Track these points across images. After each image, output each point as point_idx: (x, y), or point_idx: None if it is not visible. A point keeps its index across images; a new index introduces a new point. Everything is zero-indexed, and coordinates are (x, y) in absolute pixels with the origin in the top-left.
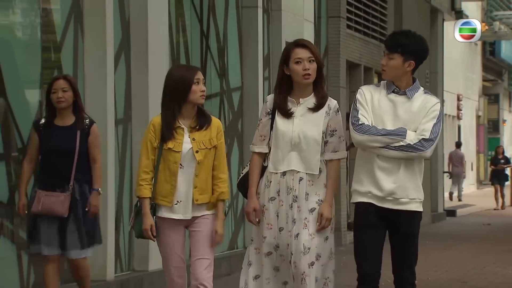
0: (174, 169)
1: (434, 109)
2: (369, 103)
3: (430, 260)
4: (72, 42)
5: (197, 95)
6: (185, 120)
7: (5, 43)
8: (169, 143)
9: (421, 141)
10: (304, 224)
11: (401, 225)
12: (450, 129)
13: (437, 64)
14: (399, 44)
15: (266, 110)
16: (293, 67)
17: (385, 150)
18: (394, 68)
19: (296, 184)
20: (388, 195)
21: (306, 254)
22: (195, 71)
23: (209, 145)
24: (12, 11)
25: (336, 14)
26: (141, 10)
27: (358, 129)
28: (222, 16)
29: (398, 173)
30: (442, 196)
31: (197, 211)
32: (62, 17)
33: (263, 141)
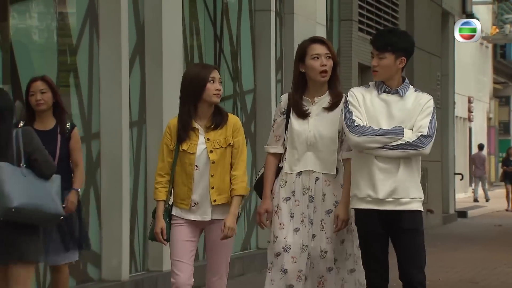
0: (190, 171)
1: (428, 105)
2: (362, 104)
3: (441, 261)
4: (87, 46)
5: (211, 93)
6: (201, 120)
7: (22, 46)
8: (184, 145)
9: (419, 138)
10: (321, 226)
11: (404, 222)
12: (461, 131)
13: (448, 67)
14: (388, 43)
15: (280, 110)
16: (310, 63)
17: (383, 150)
18: (387, 67)
19: (312, 184)
20: (388, 196)
21: (323, 258)
22: (211, 70)
23: (224, 144)
24: (28, 14)
25: (348, 17)
26: (156, 13)
27: (355, 130)
28: (235, 20)
29: (398, 173)
30: (453, 198)
31: (217, 213)
32: (78, 21)
33: (278, 141)
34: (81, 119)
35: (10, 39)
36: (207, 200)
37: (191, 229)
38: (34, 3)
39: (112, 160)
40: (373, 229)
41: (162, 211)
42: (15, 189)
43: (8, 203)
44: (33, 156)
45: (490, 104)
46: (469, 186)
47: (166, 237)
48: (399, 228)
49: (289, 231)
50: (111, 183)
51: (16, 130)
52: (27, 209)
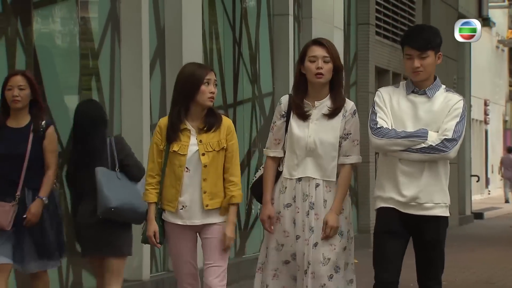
0: (179, 173)
1: (456, 107)
2: (388, 105)
3: (458, 262)
4: (109, 49)
5: (205, 96)
6: (194, 121)
7: (45, 50)
8: (174, 146)
9: (443, 142)
10: (324, 234)
11: (426, 231)
12: (477, 133)
13: (464, 70)
14: (428, 41)
15: (280, 113)
16: (307, 65)
17: (406, 153)
18: (431, 66)
19: (312, 190)
20: (411, 201)
21: (325, 265)
22: (206, 71)
23: (217, 147)
24: (51, 19)
25: (365, 21)
26: (176, 18)
27: (377, 132)
28: (254, 24)
29: (421, 177)
30: (469, 199)
31: (208, 217)
32: (100, 25)
33: (278, 145)
34: None
35: (33, 44)
36: (198, 204)
37: (186, 235)
38: (57, 8)
39: None
40: (392, 227)
41: (154, 214)
42: (113, 190)
43: (108, 203)
44: (125, 162)
45: (506, 106)
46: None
47: (159, 240)
48: (420, 238)
49: (293, 239)
50: None
51: (110, 138)
52: (123, 208)
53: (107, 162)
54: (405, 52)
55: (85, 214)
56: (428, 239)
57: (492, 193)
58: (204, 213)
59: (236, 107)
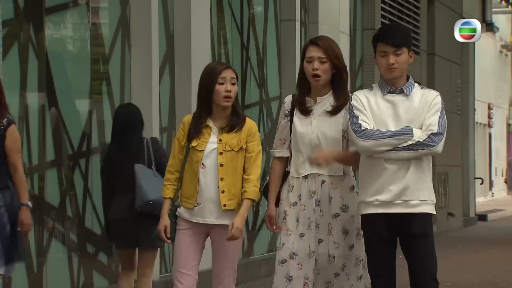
0: (196, 169)
1: (435, 102)
2: (367, 107)
3: (462, 263)
4: (119, 54)
5: (220, 96)
6: (217, 120)
7: (57, 55)
8: (193, 141)
9: (430, 136)
10: (328, 231)
11: (413, 227)
12: (481, 136)
13: (468, 74)
14: (403, 38)
15: (284, 112)
16: (305, 65)
17: (393, 152)
18: (405, 63)
19: (318, 187)
20: (396, 198)
21: (331, 263)
22: (220, 69)
23: (236, 147)
24: (63, 25)
25: (370, 27)
26: (185, 23)
27: (362, 135)
28: (261, 29)
29: (407, 174)
30: (473, 201)
31: (223, 218)
32: (110, 31)
33: (284, 144)
34: None
35: (45, 49)
36: (214, 203)
37: (196, 235)
38: (69, 14)
39: None
40: (380, 232)
41: (168, 209)
42: (150, 185)
43: (147, 196)
44: (160, 161)
45: (509, 110)
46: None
47: (170, 236)
48: (408, 233)
49: (295, 237)
50: None
51: (146, 139)
52: (160, 202)
53: (144, 161)
54: (379, 49)
55: (121, 208)
56: (416, 232)
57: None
58: (220, 213)
59: (244, 110)
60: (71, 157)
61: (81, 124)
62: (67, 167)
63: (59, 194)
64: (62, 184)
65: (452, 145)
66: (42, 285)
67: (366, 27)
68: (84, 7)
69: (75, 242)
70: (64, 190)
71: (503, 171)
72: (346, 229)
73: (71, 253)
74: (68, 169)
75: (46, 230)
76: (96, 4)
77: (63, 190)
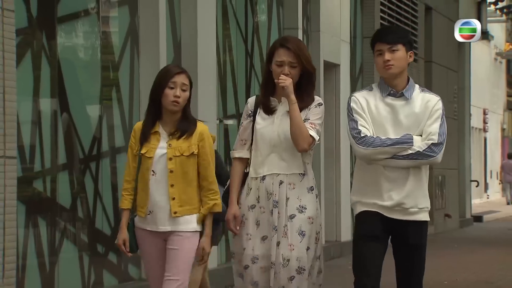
0: (147, 177)
1: (437, 108)
2: (366, 110)
3: (459, 263)
4: (128, 62)
5: (168, 99)
6: (166, 125)
7: (68, 63)
8: (143, 148)
9: (430, 147)
10: (283, 233)
11: (410, 236)
12: (477, 141)
13: (464, 81)
14: (399, 35)
15: (247, 112)
16: (273, 68)
17: (393, 160)
18: (401, 60)
19: (276, 188)
20: (396, 206)
21: (285, 266)
22: (173, 74)
23: (187, 152)
24: (75, 34)
25: (370, 35)
26: (191, 32)
27: (362, 142)
28: (265, 37)
29: (407, 182)
30: (469, 203)
31: (176, 224)
32: (120, 39)
33: (244, 145)
34: (122, 130)
35: (57, 56)
36: (165, 211)
37: (154, 244)
38: (80, 23)
39: None
40: (374, 232)
41: (127, 221)
42: None
43: None
44: (217, 170)
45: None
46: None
47: (130, 248)
48: (404, 242)
49: (256, 241)
50: None
51: None
52: None
53: None
54: (375, 49)
55: None
56: (412, 243)
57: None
58: (171, 220)
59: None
60: (82, 161)
61: (92, 128)
62: (78, 170)
63: (70, 196)
64: (74, 187)
65: (448, 149)
66: (54, 283)
67: (366, 35)
68: (95, 16)
69: (86, 242)
70: (75, 192)
71: (498, 174)
72: (302, 231)
73: (82, 253)
74: (79, 172)
75: (58, 231)
76: (106, 14)
77: (74, 192)
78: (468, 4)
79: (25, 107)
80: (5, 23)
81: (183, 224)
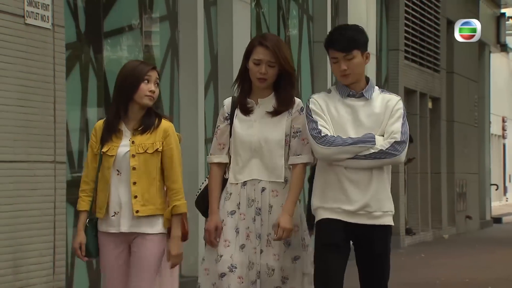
0: (107, 176)
1: (397, 107)
2: (326, 112)
3: (479, 262)
4: (169, 74)
5: (143, 93)
6: (130, 122)
7: (114, 74)
8: (105, 147)
9: (393, 145)
10: (267, 241)
11: (375, 245)
12: (496, 147)
13: (484, 90)
14: (353, 40)
15: (223, 115)
16: (251, 66)
17: (355, 160)
18: (359, 66)
19: (258, 195)
20: (360, 209)
21: (270, 276)
22: (148, 68)
23: (150, 149)
24: (119, 47)
25: (395, 47)
26: (227, 45)
27: (322, 141)
28: (296, 50)
29: (370, 184)
30: (489, 205)
31: (138, 226)
32: (161, 52)
33: (222, 150)
34: None
35: (104, 69)
36: (127, 210)
37: (117, 248)
38: (124, 37)
39: (190, 171)
40: (336, 241)
41: (84, 223)
42: None
43: None
44: None
45: None
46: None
47: (86, 252)
48: (369, 250)
49: (235, 248)
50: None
51: None
52: None
53: None
54: (330, 55)
55: None
56: (378, 252)
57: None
58: (134, 220)
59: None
60: None
61: None
62: None
63: None
64: None
65: (470, 154)
66: (100, 280)
67: (391, 48)
68: (138, 31)
69: None
70: None
71: None
72: (287, 240)
73: None
74: None
75: None
76: (149, 29)
77: None
78: (487, 18)
79: (73, 115)
80: (56, 38)
81: (147, 226)
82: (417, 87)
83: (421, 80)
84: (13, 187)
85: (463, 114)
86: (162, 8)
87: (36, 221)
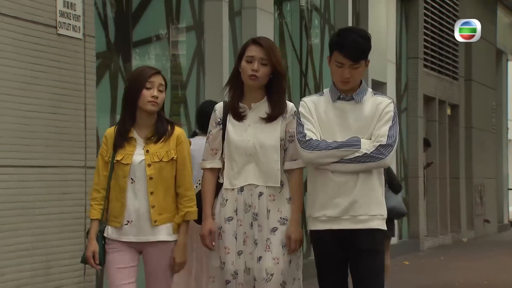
0: (123, 185)
1: (387, 110)
2: (314, 114)
3: (497, 264)
4: (195, 81)
5: (145, 100)
6: (141, 129)
7: None
8: (118, 155)
9: (378, 148)
10: (266, 246)
11: (361, 241)
12: None
13: (502, 97)
14: (364, 51)
15: (216, 120)
16: (243, 65)
17: (340, 164)
18: (361, 74)
19: (255, 200)
20: (344, 213)
21: (269, 281)
22: (149, 74)
23: (166, 158)
24: (147, 56)
25: (414, 56)
26: None
27: (306, 145)
28: (318, 58)
29: (355, 188)
30: (507, 209)
31: (156, 234)
32: (188, 61)
33: (215, 155)
34: None
35: None
36: (145, 220)
37: (128, 254)
38: (152, 47)
39: None
40: (328, 251)
41: (96, 232)
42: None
43: None
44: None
45: None
46: None
47: (99, 261)
48: (356, 249)
49: (234, 255)
50: None
51: None
52: None
53: None
54: (335, 58)
55: None
56: (363, 248)
57: None
58: (152, 229)
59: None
60: None
61: None
62: None
63: None
64: None
65: (487, 159)
66: None
67: (411, 56)
68: (165, 40)
69: None
70: None
71: None
72: (285, 243)
73: None
74: None
75: None
76: (176, 38)
77: None
78: (505, 26)
79: (103, 122)
80: (86, 47)
81: (162, 234)
82: (436, 94)
83: (440, 87)
84: (45, 191)
85: (481, 120)
86: (189, 19)
87: (67, 224)
